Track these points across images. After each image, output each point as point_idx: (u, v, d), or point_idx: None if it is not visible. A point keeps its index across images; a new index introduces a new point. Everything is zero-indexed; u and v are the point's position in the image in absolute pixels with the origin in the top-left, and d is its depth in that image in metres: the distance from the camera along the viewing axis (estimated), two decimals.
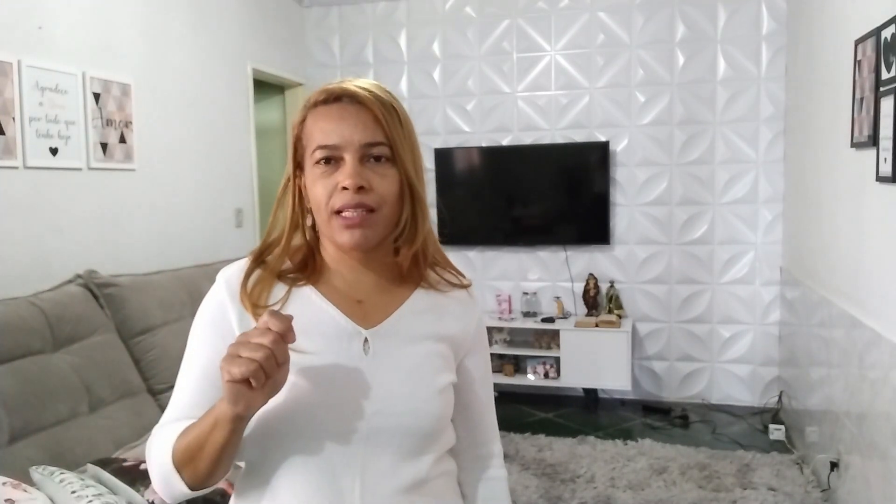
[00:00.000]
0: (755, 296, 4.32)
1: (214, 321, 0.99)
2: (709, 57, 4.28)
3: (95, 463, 2.02)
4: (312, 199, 0.98)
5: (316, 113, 0.99)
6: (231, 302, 0.99)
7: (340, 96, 0.98)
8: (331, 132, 0.97)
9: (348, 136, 0.96)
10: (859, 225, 2.64)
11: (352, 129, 0.96)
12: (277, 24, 4.59)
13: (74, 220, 2.88)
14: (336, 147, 0.96)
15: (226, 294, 1.00)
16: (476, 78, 4.67)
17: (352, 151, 0.96)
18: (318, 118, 0.99)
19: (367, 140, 0.96)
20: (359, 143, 0.96)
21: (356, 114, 0.97)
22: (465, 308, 1.10)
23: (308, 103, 1.01)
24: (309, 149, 0.99)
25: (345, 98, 0.98)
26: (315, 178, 0.97)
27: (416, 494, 0.98)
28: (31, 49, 2.66)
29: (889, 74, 2.27)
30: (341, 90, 0.99)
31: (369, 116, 0.97)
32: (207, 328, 1.00)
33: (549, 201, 4.59)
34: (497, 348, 4.50)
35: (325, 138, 0.97)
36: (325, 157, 0.97)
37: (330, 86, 1.00)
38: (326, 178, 0.96)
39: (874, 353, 2.38)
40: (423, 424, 0.98)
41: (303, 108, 1.02)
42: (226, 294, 1.00)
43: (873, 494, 2.40)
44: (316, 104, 1.00)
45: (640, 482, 3.27)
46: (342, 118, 0.97)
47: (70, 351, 2.35)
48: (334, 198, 0.96)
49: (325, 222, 0.97)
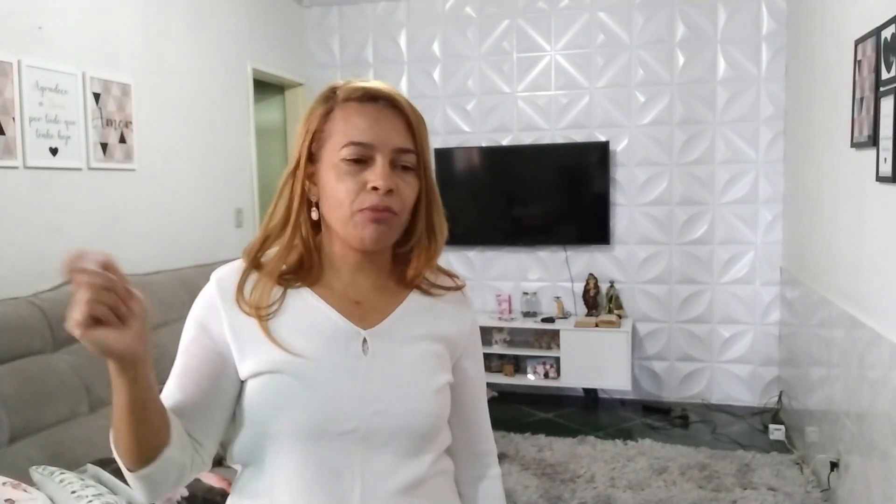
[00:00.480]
0: (755, 296, 4.32)
1: (204, 321, 0.99)
2: (709, 57, 4.28)
3: (95, 463, 2.02)
4: (330, 194, 0.96)
5: (348, 108, 0.98)
6: (222, 303, 0.98)
7: (377, 97, 0.98)
8: (366, 130, 0.96)
9: (384, 137, 0.96)
10: (859, 225, 2.64)
11: (388, 132, 0.96)
12: (277, 24, 4.59)
13: (74, 220, 2.88)
14: (370, 146, 0.95)
15: (217, 295, 0.99)
16: (476, 78, 4.67)
17: (384, 154, 0.95)
18: (350, 114, 0.97)
19: (401, 146, 0.97)
20: (392, 147, 0.96)
21: (392, 118, 0.97)
22: (460, 309, 1.10)
23: (338, 97, 0.99)
24: (335, 143, 0.97)
25: (382, 100, 0.98)
26: (340, 174, 0.96)
27: (416, 494, 0.98)
28: (31, 49, 2.66)
29: (889, 74, 2.27)
30: (378, 91, 0.98)
31: (403, 123, 0.98)
32: (196, 327, 0.99)
33: (549, 201, 4.59)
34: (497, 348, 4.50)
35: (359, 135, 0.95)
36: (357, 155, 0.95)
37: (364, 84, 0.99)
38: (353, 177, 0.95)
39: (874, 353, 2.38)
40: (421, 424, 0.98)
41: (327, 99, 1.00)
42: (217, 295, 0.99)
43: (873, 494, 2.40)
44: (348, 100, 0.98)
45: (640, 482, 3.27)
46: (378, 119, 0.96)
47: (70, 351, 2.35)
48: (361, 197, 0.94)
49: (346, 219, 0.96)
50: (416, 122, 0.99)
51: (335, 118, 0.98)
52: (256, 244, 1.01)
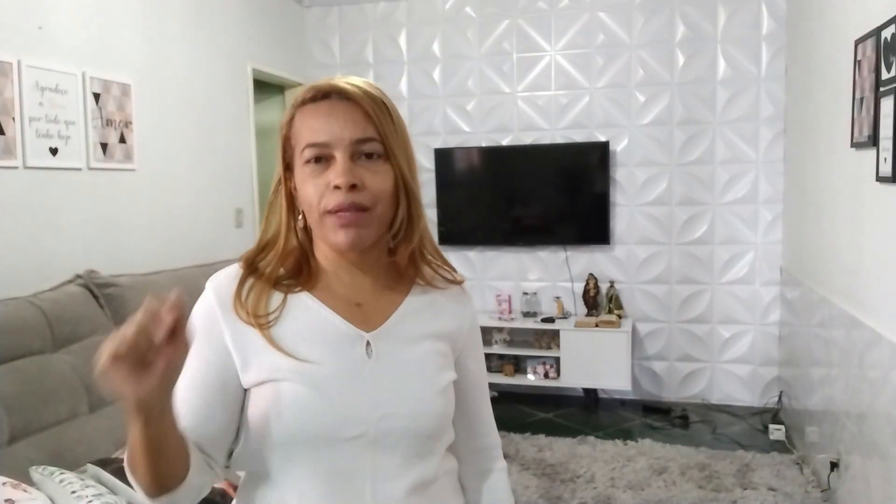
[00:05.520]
0: (755, 296, 4.32)
1: (203, 332, 0.95)
2: (709, 57, 4.28)
3: (95, 463, 2.02)
4: (303, 199, 0.95)
5: (304, 111, 0.97)
6: (222, 313, 0.96)
7: (329, 93, 0.96)
8: (320, 130, 0.94)
9: (338, 132, 0.93)
10: (859, 225, 2.63)
11: (342, 126, 0.93)
12: (277, 24, 4.59)
13: (74, 220, 2.88)
14: (326, 145, 0.93)
15: (216, 306, 0.97)
16: (476, 78, 4.67)
17: (342, 149, 0.93)
18: (306, 116, 0.96)
19: (358, 136, 0.93)
20: (349, 140, 0.93)
21: (346, 110, 0.94)
22: (460, 304, 1.09)
23: (295, 102, 0.99)
24: (298, 148, 0.96)
25: (333, 95, 0.95)
26: (305, 177, 0.94)
27: (425, 494, 0.98)
28: (31, 49, 2.66)
29: (889, 74, 2.27)
30: (329, 87, 0.96)
31: (359, 112, 0.94)
32: (200, 343, 0.95)
33: (549, 201, 4.59)
34: (497, 348, 4.50)
35: (314, 136, 0.94)
36: (315, 155, 0.94)
37: (317, 83, 0.98)
38: (317, 178, 0.93)
39: (874, 353, 2.38)
40: (429, 424, 0.97)
41: (290, 106, 1.00)
42: (216, 306, 0.97)
43: (873, 494, 2.40)
44: (304, 102, 0.97)
45: (640, 482, 3.27)
46: (331, 115, 0.94)
47: (70, 351, 2.35)
48: (326, 198, 0.92)
49: (318, 223, 0.95)
50: (374, 109, 0.94)
51: (295, 124, 0.98)
52: (254, 252, 1.00)
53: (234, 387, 0.96)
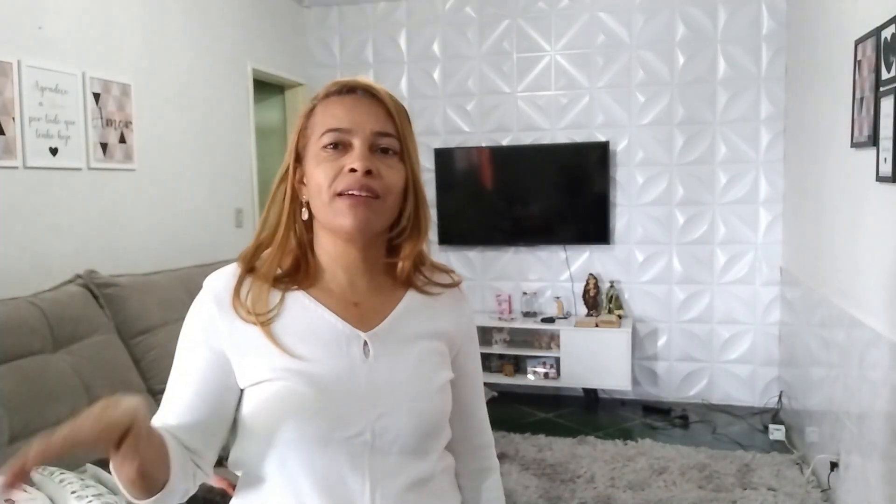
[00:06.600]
0: (755, 296, 4.32)
1: (201, 332, 0.97)
2: (709, 57, 4.28)
3: (95, 463, 2.02)
4: (312, 183, 0.96)
5: (327, 102, 0.99)
6: (219, 312, 0.96)
7: (354, 88, 0.99)
8: (342, 117, 0.96)
9: (360, 122, 0.96)
10: (859, 225, 2.64)
11: (364, 117, 0.96)
12: (277, 24, 4.59)
13: (74, 220, 2.88)
14: (347, 130, 0.96)
15: (213, 305, 0.97)
16: (476, 78, 4.67)
17: (362, 137, 0.95)
18: (329, 106, 0.99)
19: (379, 129, 0.97)
20: (370, 130, 0.96)
21: (370, 104, 0.98)
22: (457, 304, 1.10)
23: (318, 95, 1.01)
24: (315, 135, 0.98)
25: (359, 90, 0.99)
26: (319, 161, 0.96)
27: (423, 491, 0.99)
28: (31, 49, 2.66)
29: (889, 74, 2.27)
30: (355, 83, 0.99)
31: (382, 110, 0.98)
32: (196, 342, 0.97)
33: (549, 201, 4.59)
34: (497, 348, 4.50)
35: (336, 122, 0.96)
36: (334, 141, 0.96)
37: (342, 79, 1.01)
38: (332, 162, 0.95)
39: (874, 353, 2.38)
40: (426, 423, 0.98)
41: (312, 100, 1.02)
42: (213, 305, 0.97)
43: (873, 494, 2.40)
44: (328, 95, 1.00)
45: (640, 482, 3.27)
46: (356, 106, 0.97)
47: (70, 351, 2.35)
48: (339, 180, 0.94)
49: (326, 206, 0.95)
50: (396, 110, 0.99)
51: (316, 113, 1.00)
52: (251, 249, 1.01)
53: (231, 386, 0.96)
